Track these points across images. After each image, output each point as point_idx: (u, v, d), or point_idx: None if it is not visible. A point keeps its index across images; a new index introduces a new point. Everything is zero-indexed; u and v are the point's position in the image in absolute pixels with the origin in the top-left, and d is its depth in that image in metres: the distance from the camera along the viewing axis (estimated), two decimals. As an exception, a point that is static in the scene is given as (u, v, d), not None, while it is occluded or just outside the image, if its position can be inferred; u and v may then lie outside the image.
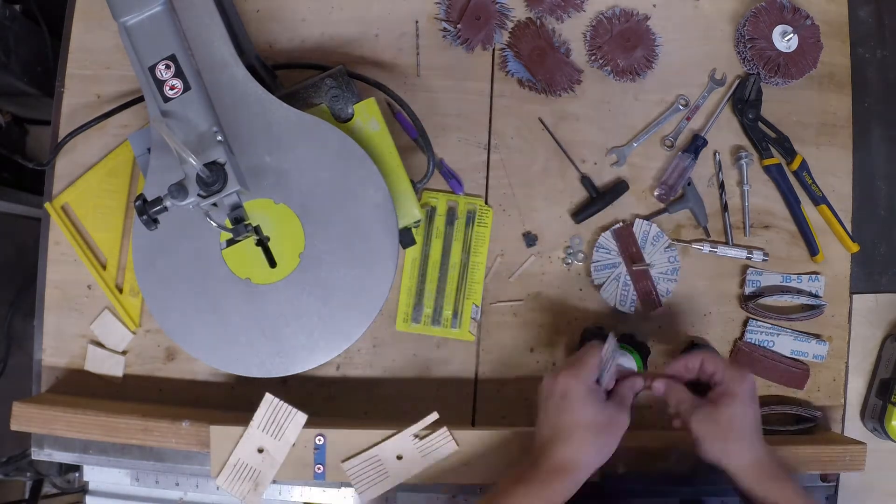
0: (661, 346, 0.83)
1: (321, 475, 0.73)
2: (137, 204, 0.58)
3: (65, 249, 0.83)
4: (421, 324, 0.82)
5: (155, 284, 0.68)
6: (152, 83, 0.61)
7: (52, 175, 0.84)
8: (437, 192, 0.83)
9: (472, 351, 0.82)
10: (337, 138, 0.67)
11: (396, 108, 0.83)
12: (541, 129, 0.84)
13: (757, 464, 0.64)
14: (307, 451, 0.73)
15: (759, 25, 0.83)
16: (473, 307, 0.82)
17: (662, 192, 0.83)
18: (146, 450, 0.79)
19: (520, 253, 0.83)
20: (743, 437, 0.65)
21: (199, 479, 0.81)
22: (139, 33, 0.62)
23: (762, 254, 0.83)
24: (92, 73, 0.85)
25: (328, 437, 0.73)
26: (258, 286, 0.67)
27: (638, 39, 0.83)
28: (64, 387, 0.83)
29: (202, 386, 0.82)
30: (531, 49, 0.83)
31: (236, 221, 0.62)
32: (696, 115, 0.85)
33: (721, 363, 0.67)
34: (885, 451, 0.83)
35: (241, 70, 0.66)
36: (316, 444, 0.73)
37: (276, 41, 0.85)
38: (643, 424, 0.82)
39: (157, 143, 0.66)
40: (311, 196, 0.67)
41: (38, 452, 0.80)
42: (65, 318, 0.83)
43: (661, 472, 0.75)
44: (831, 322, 0.84)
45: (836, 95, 0.86)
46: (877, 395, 0.84)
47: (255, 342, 0.67)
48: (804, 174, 0.84)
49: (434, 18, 0.85)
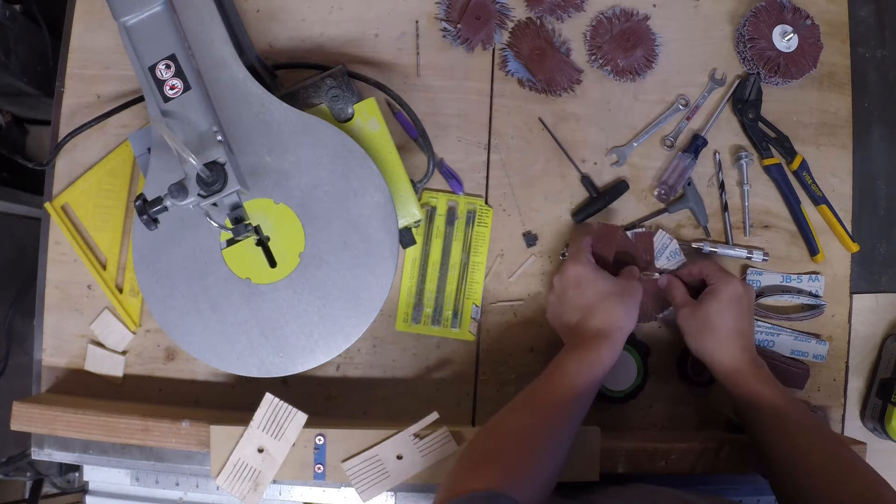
0: (661, 347, 0.83)
1: (321, 475, 0.73)
2: (137, 204, 0.58)
3: (65, 249, 0.83)
4: (421, 324, 0.82)
5: (155, 284, 0.68)
6: (152, 83, 0.61)
7: (52, 175, 0.84)
8: (437, 192, 0.83)
9: (472, 351, 0.82)
10: (337, 138, 0.67)
11: (396, 108, 0.83)
12: (541, 129, 0.84)
13: (732, 363, 0.70)
14: (307, 451, 0.73)
15: (759, 25, 0.83)
16: (473, 307, 0.82)
17: (662, 192, 0.83)
18: (146, 450, 0.79)
19: (520, 253, 0.83)
20: (717, 334, 0.71)
21: (199, 479, 0.81)
22: (139, 33, 0.62)
23: (762, 254, 0.83)
24: (92, 73, 0.85)
25: (328, 436, 0.73)
26: (258, 286, 0.67)
27: (638, 39, 0.83)
28: (64, 387, 0.83)
29: (202, 386, 0.82)
30: (531, 49, 0.83)
31: (236, 221, 0.62)
32: (696, 115, 0.85)
33: (715, 268, 0.75)
34: (885, 451, 0.83)
35: (241, 70, 0.66)
36: (316, 443, 0.73)
37: (276, 41, 0.85)
38: (643, 424, 0.82)
39: (157, 143, 0.66)
40: (311, 196, 0.67)
41: (38, 452, 0.80)
42: (65, 318, 0.83)
43: (661, 472, 0.75)
44: (831, 322, 0.84)
45: (836, 95, 0.86)
46: (877, 395, 0.84)
47: (255, 342, 0.67)
48: (804, 174, 0.84)
49: (434, 18, 0.85)
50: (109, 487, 0.83)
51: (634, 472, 0.74)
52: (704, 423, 0.83)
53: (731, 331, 0.71)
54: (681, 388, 0.83)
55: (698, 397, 0.83)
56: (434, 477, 0.73)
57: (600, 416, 0.81)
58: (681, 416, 0.83)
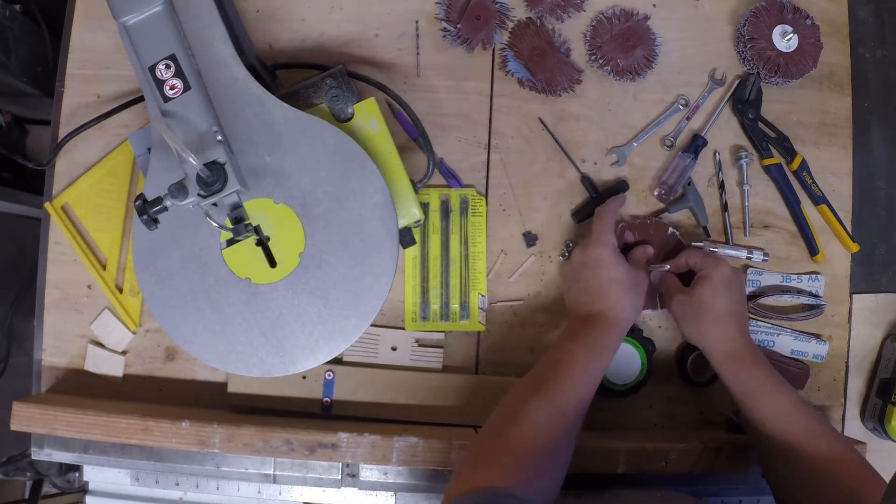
0: (661, 347, 0.82)
1: (328, 407, 0.79)
2: (137, 204, 0.58)
3: (65, 249, 0.83)
4: (430, 321, 0.82)
5: (155, 284, 0.68)
6: (152, 83, 0.61)
7: (52, 175, 0.84)
8: (428, 189, 0.82)
9: (472, 351, 0.82)
10: (337, 138, 0.67)
11: (396, 108, 0.83)
12: (541, 129, 0.84)
13: (727, 348, 0.71)
14: (317, 385, 0.78)
15: (759, 25, 0.83)
16: (480, 297, 0.82)
17: (662, 192, 0.83)
18: (146, 450, 0.79)
19: (520, 253, 0.83)
20: (712, 317, 0.72)
21: (199, 479, 0.81)
22: (139, 33, 0.62)
23: (762, 254, 0.83)
24: (92, 73, 0.85)
25: (337, 372, 0.79)
26: (258, 286, 0.67)
27: (638, 39, 0.83)
28: (64, 387, 0.83)
29: (202, 386, 0.82)
30: (531, 49, 0.83)
31: (236, 221, 0.62)
32: (696, 114, 0.85)
33: (701, 255, 0.76)
34: (885, 451, 0.83)
35: (241, 70, 0.66)
36: (325, 378, 0.78)
37: (276, 41, 0.85)
38: (643, 424, 0.82)
39: (157, 143, 0.66)
40: (311, 196, 0.67)
41: (38, 452, 0.80)
42: (65, 318, 0.83)
43: (661, 472, 0.75)
44: (831, 322, 0.84)
45: (836, 95, 0.86)
46: (877, 395, 0.84)
47: (255, 342, 0.67)
48: (804, 174, 0.84)
49: (434, 18, 0.85)
50: (109, 487, 0.83)
51: (634, 473, 0.74)
52: (704, 423, 0.83)
53: (725, 312, 0.71)
54: (681, 388, 0.83)
55: (698, 397, 0.83)
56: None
57: (600, 415, 0.81)
58: (681, 416, 0.83)
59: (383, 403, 0.79)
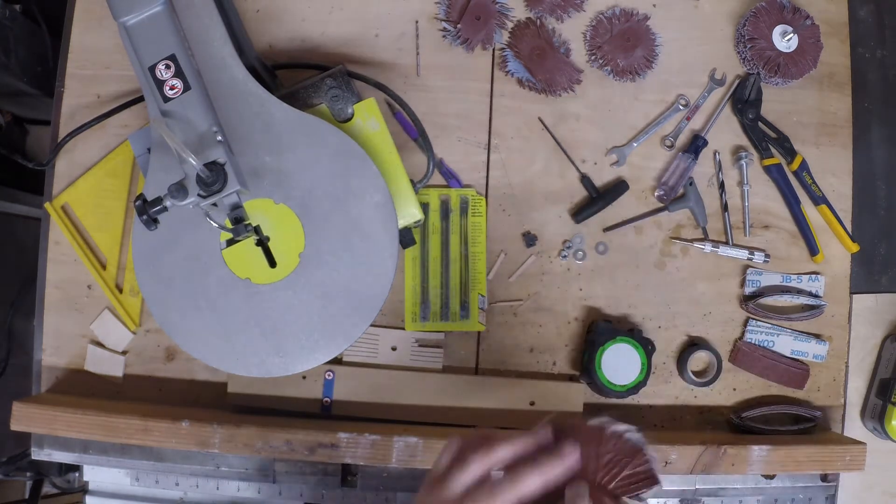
0: (661, 347, 0.83)
1: (328, 407, 0.78)
2: (137, 204, 0.58)
3: (65, 249, 0.83)
4: (430, 321, 0.82)
5: (155, 284, 0.68)
6: (152, 83, 0.61)
7: (52, 175, 0.84)
8: (428, 189, 0.82)
9: (472, 351, 0.82)
10: (337, 138, 0.67)
11: (396, 108, 0.83)
12: (541, 129, 0.84)
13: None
14: (317, 385, 0.78)
15: (759, 25, 0.83)
16: (480, 297, 0.82)
17: (663, 193, 0.83)
18: (146, 450, 0.79)
19: (520, 253, 0.83)
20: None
21: (199, 479, 0.81)
22: (139, 33, 0.62)
23: (763, 255, 0.83)
24: (92, 73, 0.85)
25: (337, 372, 0.79)
26: (258, 286, 0.67)
27: (638, 39, 0.83)
28: (64, 387, 0.83)
29: (202, 386, 0.82)
30: (531, 49, 0.83)
31: (236, 221, 0.62)
32: (696, 115, 0.85)
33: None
34: (885, 451, 0.83)
35: (241, 70, 0.66)
36: (325, 378, 0.78)
37: (276, 41, 0.85)
38: (643, 424, 0.82)
39: (157, 143, 0.66)
40: (311, 196, 0.67)
41: (38, 452, 0.80)
42: (65, 318, 0.83)
43: (660, 472, 0.75)
44: (831, 322, 0.84)
45: (836, 95, 0.86)
46: (877, 395, 0.84)
47: (255, 342, 0.67)
48: (804, 174, 0.84)
49: (434, 18, 0.85)
50: (109, 487, 0.83)
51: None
52: (704, 423, 0.83)
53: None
54: (681, 388, 0.83)
55: (698, 397, 0.83)
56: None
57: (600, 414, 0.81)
58: (681, 417, 0.83)
59: (383, 403, 0.79)
